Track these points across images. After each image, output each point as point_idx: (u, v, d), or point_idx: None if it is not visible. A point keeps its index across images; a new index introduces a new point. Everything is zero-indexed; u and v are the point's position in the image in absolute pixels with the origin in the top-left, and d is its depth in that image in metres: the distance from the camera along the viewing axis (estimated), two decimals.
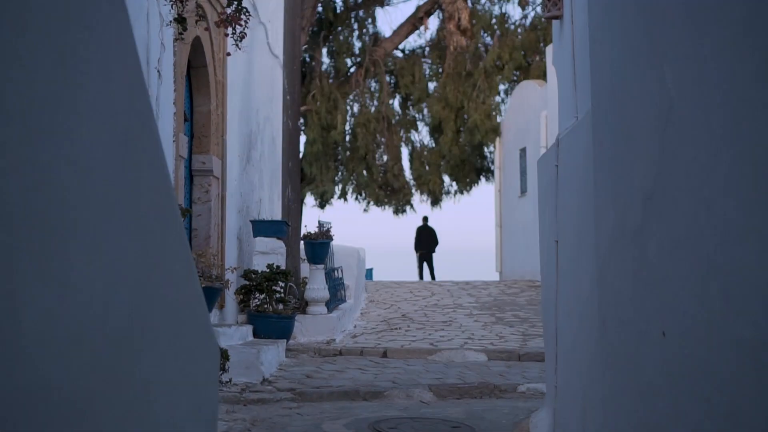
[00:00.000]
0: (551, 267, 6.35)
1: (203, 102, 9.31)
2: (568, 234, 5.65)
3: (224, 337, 8.12)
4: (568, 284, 5.63)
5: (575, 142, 5.67)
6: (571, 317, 5.51)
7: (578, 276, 5.21)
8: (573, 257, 5.39)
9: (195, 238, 9.20)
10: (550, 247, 6.47)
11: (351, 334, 11.11)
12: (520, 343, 10.33)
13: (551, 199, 6.39)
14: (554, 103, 16.48)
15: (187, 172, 9.15)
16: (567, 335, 5.61)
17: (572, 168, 5.67)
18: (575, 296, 5.29)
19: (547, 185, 6.64)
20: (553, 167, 6.33)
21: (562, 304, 5.86)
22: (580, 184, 5.33)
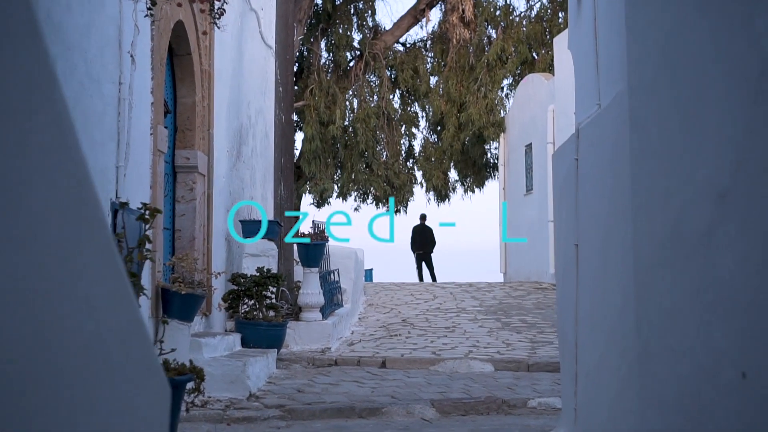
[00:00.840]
0: (570, 273, 5.66)
1: (187, 93, 8.62)
2: (591, 237, 4.97)
3: (207, 349, 7.44)
4: (592, 294, 4.94)
5: (600, 131, 4.98)
6: (595, 333, 4.82)
7: (606, 287, 4.52)
8: (599, 264, 4.70)
9: (178, 240, 8.52)
10: (568, 250, 5.78)
11: (348, 341, 10.42)
12: (529, 351, 9.64)
13: (570, 198, 5.70)
14: (562, 96, 15.83)
15: (169, 168, 8.46)
16: (590, 353, 4.92)
17: (596, 161, 4.97)
18: (602, 310, 4.60)
19: (565, 182, 5.95)
20: (572, 161, 5.64)
21: (584, 316, 5.16)
22: (607, 179, 4.63)
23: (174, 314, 7.09)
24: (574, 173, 5.52)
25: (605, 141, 4.69)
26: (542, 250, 16.15)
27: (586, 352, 5.05)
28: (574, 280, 5.51)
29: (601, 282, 4.60)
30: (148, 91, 7.04)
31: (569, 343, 5.69)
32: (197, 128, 8.63)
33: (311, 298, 9.67)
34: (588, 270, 5.10)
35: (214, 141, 9.11)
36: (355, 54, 21.33)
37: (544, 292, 14.70)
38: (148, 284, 6.92)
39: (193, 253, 8.49)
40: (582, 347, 5.18)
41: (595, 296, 4.79)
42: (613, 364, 4.31)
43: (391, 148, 20.70)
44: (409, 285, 16.25)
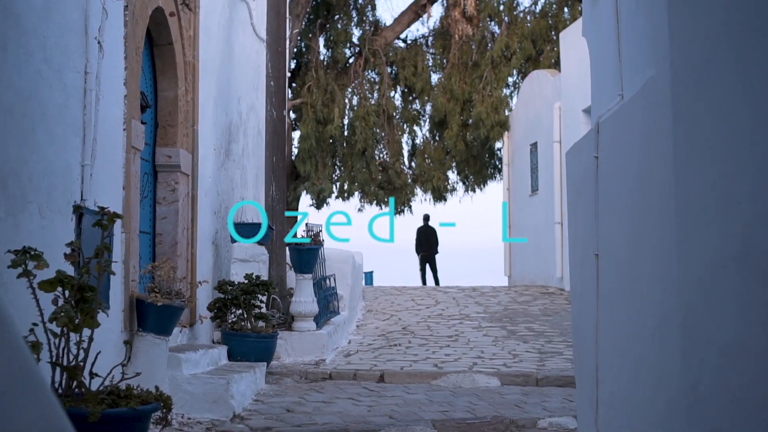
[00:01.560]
0: (588, 286, 5.02)
1: (169, 86, 7.98)
2: (615, 246, 4.32)
3: (188, 365, 6.80)
4: (617, 312, 4.29)
5: (625, 125, 4.33)
6: (621, 356, 4.18)
7: (636, 305, 3.87)
8: (626, 278, 4.06)
9: (159, 245, 7.88)
10: (586, 261, 5.13)
11: (344, 351, 9.79)
12: (537, 363, 9.00)
13: (588, 201, 5.05)
14: (569, 93, 15.19)
15: (149, 168, 7.83)
16: (616, 378, 4.27)
17: (622, 159, 4.33)
18: (631, 331, 3.96)
19: (581, 183, 5.30)
20: (590, 160, 4.99)
21: (607, 336, 4.52)
22: (636, 179, 3.99)
23: (150, 327, 6.47)
24: (593, 173, 4.88)
25: (632, 135, 4.05)
26: (549, 253, 15.51)
27: (609, 376, 4.41)
28: (593, 295, 4.87)
29: (629, 299, 3.96)
30: (121, 82, 6.41)
31: (588, 365, 5.05)
32: (180, 124, 8.00)
33: (304, 306, 9.03)
34: (611, 284, 4.45)
35: (200, 138, 8.48)
36: (354, 50, 20.70)
37: (551, 297, 14.06)
38: (120, 294, 6.29)
39: (176, 259, 7.86)
40: (604, 370, 4.53)
41: (620, 314, 4.15)
42: (646, 395, 3.67)
43: (392, 148, 20.05)
44: (411, 289, 15.62)
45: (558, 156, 15.11)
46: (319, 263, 10.15)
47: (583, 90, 14.23)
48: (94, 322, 4.44)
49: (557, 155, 15.17)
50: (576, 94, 14.48)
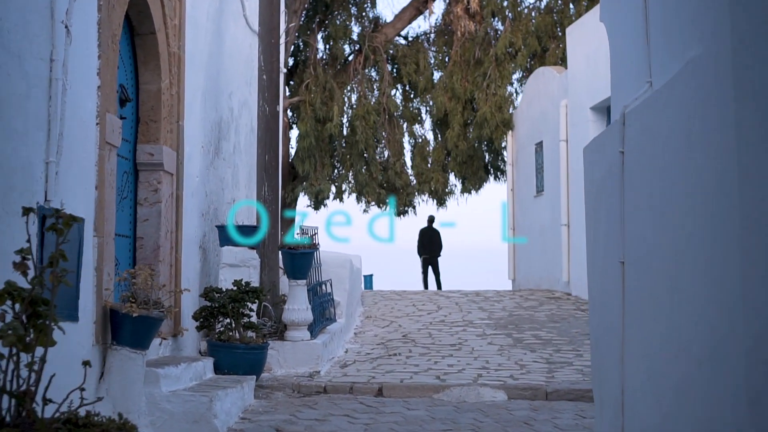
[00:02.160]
0: (611, 297, 4.45)
1: (152, 78, 7.43)
2: (648, 252, 3.75)
3: (167, 381, 6.25)
4: (651, 329, 3.73)
5: (659, 113, 3.77)
6: (656, 381, 3.61)
7: (678, 323, 3.31)
8: (662, 290, 3.48)
9: (140, 249, 7.33)
10: (608, 267, 4.56)
11: (340, 362, 9.22)
12: (546, 375, 8.44)
13: (611, 202, 4.48)
14: (576, 90, 14.62)
15: (130, 166, 7.28)
16: (649, 406, 3.70)
17: (655, 152, 3.76)
18: (668, 351, 3.40)
19: (603, 181, 4.72)
20: (614, 155, 4.42)
21: (636, 355, 3.96)
22: (675, 173, 3.43)
23: (125, 340, 5.92)
24: (617, 170, 4.30)
25: (669, 124, 3.49)
26: (555, 256, 14.94)
27: (640, 402, 3.84)
28: (617, 307, 4.30)
29: (666, 315, 3.39)
30: (94, 72, 5.86)
31: (611, 385, 4.47)
32: (163, 120, 7.45)
33: (298, 314, 8.47)
34: (642, 296, 3.89)
35: (185, 135, 7.93)
36: (354, 47, 20.14)
37: (558, 302, 13.50)
38: (91, 304, 5.74)
39: (158, 265, 7.31)
40: (633, 395, 3.96)
41: (654, 332, 3.59)
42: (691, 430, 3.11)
43: (393, 147, 19.48)
44: (411, 294, 15.05)
45: (564, 155, 14.55)
46: (314, 268, 9.59)
47: (591, 87, 13.68)
48: (48, 340, 3.86)
49: (563, 154, 14.60)
50: (583, 91, 13.92)
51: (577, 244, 13.96)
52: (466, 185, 20.09)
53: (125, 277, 6.03)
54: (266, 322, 8.69)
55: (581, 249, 13.73)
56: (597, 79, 13.35)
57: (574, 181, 14.17)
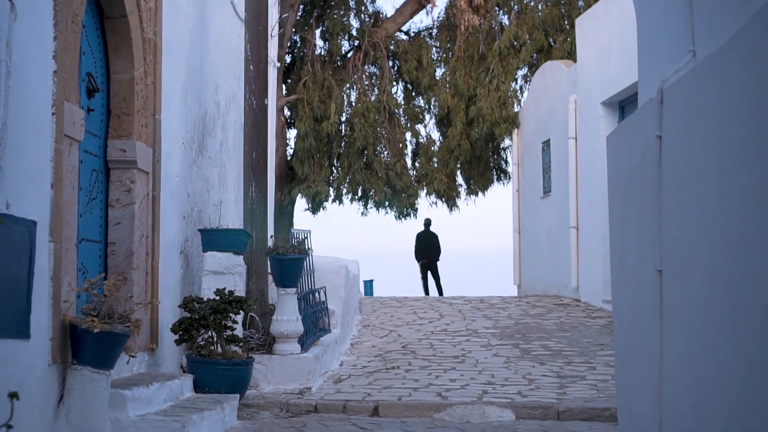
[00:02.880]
0: (644, 312, 3.73)
1: (123, 66, 6.74)
2: (697, 258, 3.06)
3: (136, 404, 5.56)
4: (700, 348, 3.03)
5: (714, 84, 3.06)
6: (709, 409, 2.92)
7: (739, 339, 2.60)
8: (723, 306, 2.78)
9: (112, 256, 6.65)
10: (640, 276, 3.85)
11: (334, 376, 8.53)
12: (557, 391, 7.74)
13: (644, 197, 3.78)
14: (586, 85, 13.90)
15: (100, 164, 6.60)
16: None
17: (706, 135, 3.07)
18: (727, 373, 2.70)
19: (632, 174, 4.00)
20: (650, 141, 3.72)
21: (680, 384, 3.27)
22: (734, 163, 2.73)
23: (86, 359, 5.24)
24: (653, 159, 3.60)
25: (728, 98, 2.79)
26: (563, 260, 14.23)
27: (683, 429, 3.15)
28: (653, 324, 3.60)
29: (721, 331, 2.70)
30: (48, 55, 5.18)
31: (645, 412, 3.77)
32: (137, 112, 6.76)
33: (287, 325, 7.77)
34: (686, 310, 3.20)
35: (163, 130, 7.24)
36: (353, 43, 19.45)
37: (567, 309, 12.80)
38: (47, 319, 5.06)
39: (131, 272, 6.63)
40: (675, 422, 3.26)
41: (704, 350, 2.89)
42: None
43: (393, 147, 18.78)
44: (412, 300, 14.35)
45: (573, 154, 13.85)
46: (306, 274, 8.91)
47: (603, 80, 12.97)
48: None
49: (572, 153, 13.90)
50: (594, 85, 13.22)
51: (586, 248, 13.26)
52: (472, 187, 19.39)
53: (86, 287, 5.34)
54: (253, 334, 8.01)
55: (591, 253, 13.06)
56: (609, 72, 12.66)
57: (584, 181, 13.48)
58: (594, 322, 11.48)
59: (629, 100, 12.53)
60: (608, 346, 9.85)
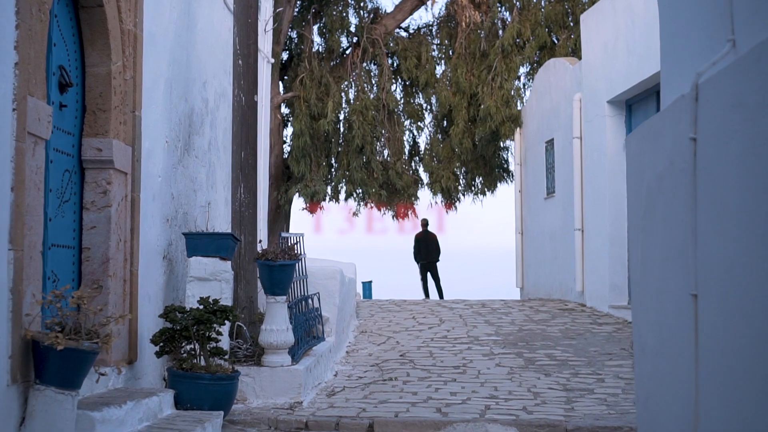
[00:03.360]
0: (677, 340, 3.28)
1: (100, 60, 6.28)
2: (741, 282, 2.61)
3: (106, 426, 5.09)
4: (745, 384, 2.56)
5: (761, 81, 2.60)
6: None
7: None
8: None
9: (87, 262, 6.18)
10: (669, 301, 3.38)
11: (328, 388, 8.06)
12: (564, 406, 7.27)
13: (674, 209, 3.31)
14: (591, 82, 13.42)
15: (74, 164, 6.13)
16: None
17: (756, 137, 2.61)
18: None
19: (659, 182, 3.52)
20: (680, 144, 3.24)
21: (719, 419, 2.80)
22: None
23: (51, 378, 4.77)
24: (685, 165, 3.13)
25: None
26: (567, 263, 13.77)
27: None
28: (686, 356, 3.14)
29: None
30: (9, 46, 4.72)
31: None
32: (114, 109, 6.30)
33: (276, 336, 7.31)
34: (729, 342, 2.74)
35: (144, 127, 6.78)
36: (351, 40, 18.97)
37: (572, 314, 12.33)
38: (5, 335, 4.60)
39: (106, 280, 6.17)
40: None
41: (750, 387, 2.43)
42: None
43: (393, 146, 18.32)
44: (411, 304, 13.88)
45: (578, 154, 13.38)
46: (298, 280, 8.45)
47: (609, 78, 12.50)
48: None
49: (577, 153, 13.43)
50: (600, 83, 12.76)
51: (592, 251, 12.80)
52: (478, 186, 18.93)
53: (50, 299, 4.88)
54: (241, 344, 7.55)
55: (597, 256, 12.58)
56: (615, 69, 12.20)
57: (589, 181, 13.01)
58: (601, 329, 11.02)
59: (637, 99, 12.07)
60: (617, 355, 9.39)
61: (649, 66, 11.09)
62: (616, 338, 10.38)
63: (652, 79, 11.12)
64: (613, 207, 12.20)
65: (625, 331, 10.85)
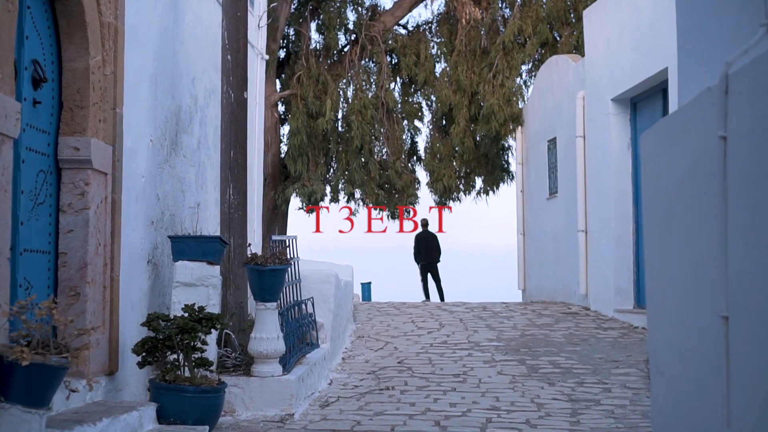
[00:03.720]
0: (703, 367, 2.93)
1: (77, 54, 5.92)
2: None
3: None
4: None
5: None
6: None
7: None
8: None
9: (63, 268, 5.83)
10: (693, 322, 3.03)
11: (321, 398, 7.71)
12: (570, 419, 6.91)
13: (701, 217, 2.96)
14: (595, 79, 13.05)
15: (49, 164, 5.78)
16: None
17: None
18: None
19: (681, 186, 3.16)
20: (707, 143, 2.88)
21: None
22: None
23: (16, 396, 4.40)
24: (713, 167, 2.77)
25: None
26: (571, 265, 13.41)
27: None
28: (714, 385, 2.79)
29: None
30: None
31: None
32: (93, 105, 5.94)
33: (266, 344, 6.95)
34: (765, 370, 2.39)
35: (125, 125, 6.42)
36: (350, 37, 18.64)
37: (576, 318, 11.98)
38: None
39: (85, 287, 5.81)
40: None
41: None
42: None
43: (392, 145, 17.97)
44: (411, 307, 13.53)
45: (581, 153, 13.03)
46: (291, 285, 8.10)
47: (613, 75, 12.13)
48: None
49: (580, 152, 13.08)
50: (604, 80, 12.40)
51: (596, 253, 12.44)
52: (473, 186, 18.60)
53: (16, 310, 4.52)
54: (229, 353, 7.20)
55: (601, 259, 12.22)
56: (619, 66, 11.84)
57: (593, 181, 12.66)
58: (606, 334, 10.66)
59: (643, 96, 11.72)
60: (623, 362, 9.04)
61: (655, 62, 10.74)
62: (622, 344, 10.03)
63: (659, 76, 10.77)
64: (618, 208, 11.86)
65: (631, 336, 10.50)
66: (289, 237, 8.08)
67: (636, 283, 11.68)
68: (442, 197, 18.54)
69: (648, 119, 11.61)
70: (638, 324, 11.04)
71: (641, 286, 11.65)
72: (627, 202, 11.84)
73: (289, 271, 7.75)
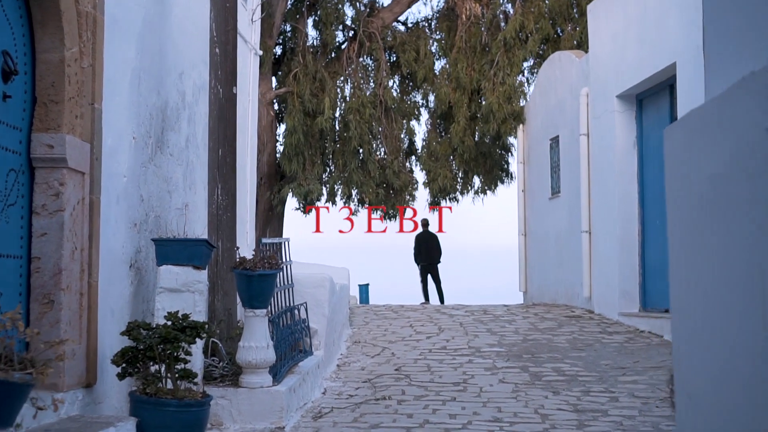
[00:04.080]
0: (743, 390, 2.56)
1: (52, 45, 5.55)
2: None
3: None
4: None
5: None
6: None
7: None
8: None
9: (36, 274, 5.45)
10: (727, 339, 2.67)
11: (314, 409, 7.33)
12: (576, 431, 6.54)
13: (740, 222, 2.58)
14: (599, 76, 12.65)
15: (21, 162, 5.41)
16: None
17: None
18: None
19: (714, 186, 2.78)
20: (748, 137, 2.50)
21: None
22: None
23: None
24: (758, 168, 2.41)
25: None
26: (574, 267, 13.04)
27: None
28: (758, 414, 2.43)
29: None
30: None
31: None
32: (68, 100, 5.57)
33: (255, 353, 6.57)
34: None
35: (105, 122, 6.05)
36: (347, 34, 18.28)
37: (579, 321, 11.61)
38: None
39: (59, 294, 5.44)
40: None
41: None
42: None
43: (390, 143, 17.60)
44: (409, 310, 13.16)
45: (585, 152, 12.66)
46: (283, 290, 7.73)
47: (618, 71, 11.75)
48: None
49: (584, 151, 12.71)
50: (608, 76, 12.03)
51: (601, 255, 12.07)
52: (479, 185, 18.27)
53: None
54: (217, 362, 6.82)
55: (606, 260, 11.84)
56: (625, 62, 11.47)
57: (597, 181, 12.29)
58: (611, 339, 10.29)
59: (649, 93, 11.34)
60: (630, 369, 8.66)
61: (663, 57, 10.38)
62: (628, 349, 9.65)
63: (666, 71, 10.40)
64: (623, 208, 11.49)
65: (638, 341, 10.13)
66: (281, 239, 7.71)
67: (642, 286, 11.32)
68: (438, 197, 18.18)
69: (654, 116, 11.24)
70: (644, 328, 10.67)
71: (647, 289, 11.29)
72: (632, 203, 11.47)
73: (281, 275, 7.38)
